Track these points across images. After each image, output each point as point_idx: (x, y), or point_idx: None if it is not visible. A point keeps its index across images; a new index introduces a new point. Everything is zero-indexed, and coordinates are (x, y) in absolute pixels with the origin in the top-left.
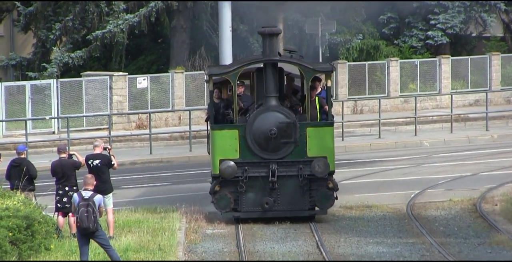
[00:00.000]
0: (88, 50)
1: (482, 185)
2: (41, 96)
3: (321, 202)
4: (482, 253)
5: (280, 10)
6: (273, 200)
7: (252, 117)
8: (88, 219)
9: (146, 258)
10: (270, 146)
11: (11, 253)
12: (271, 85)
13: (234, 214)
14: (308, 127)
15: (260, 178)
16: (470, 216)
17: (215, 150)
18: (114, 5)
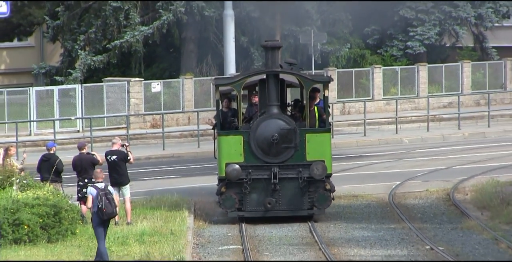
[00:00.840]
0: (108, 56)
1: (455, 177)
2: (67, 99)
3: (319, 202)
4: (455, 237)
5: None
6: (275, 200)
7: (255, 124)
8: (112, 205)
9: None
10: (272, 150)
11: (41, 237)
12: (273, 94)
13: (239, 213)
14: (307, 133)
15: (263, 180)
16: (444, 204)
17: (221, 154)
18: (131, 18)
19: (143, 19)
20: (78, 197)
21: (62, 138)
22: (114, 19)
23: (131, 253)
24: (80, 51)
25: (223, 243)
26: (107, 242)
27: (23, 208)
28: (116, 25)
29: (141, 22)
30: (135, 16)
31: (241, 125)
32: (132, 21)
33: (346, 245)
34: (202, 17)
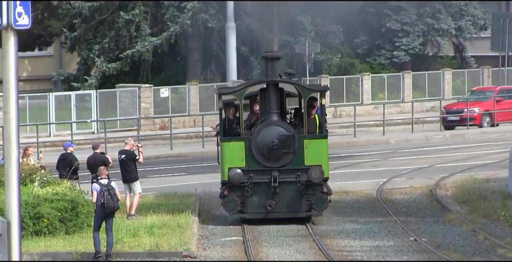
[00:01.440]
0: (121, 63)
1: (437, 174)
2: (83, 103)
3: (316, 204)
4: (437, 229)
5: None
6: (275, 203)
7: (256, 130)
8: (113, 200)
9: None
10: (272, 155)
11: (60, 229)
12: (273, 103)
13: (241, 215)
14: (305, 139)
15: (263, 183)
16: (427, 200)
17: (224, 159)
18: (142, 29)
19: (153, 31)
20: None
21: (79, 138)
22: (126, 30)
23: (141, 243)
24: (97, 58)
25: (225, 235)
26: (119, 234)
27: (43, 202)
28: (128, 36)
29: (151, 33)
30: (145, 28)
31: (242, 132)
32: (142, 33)
33: (338, 237)
34: (206, 28)
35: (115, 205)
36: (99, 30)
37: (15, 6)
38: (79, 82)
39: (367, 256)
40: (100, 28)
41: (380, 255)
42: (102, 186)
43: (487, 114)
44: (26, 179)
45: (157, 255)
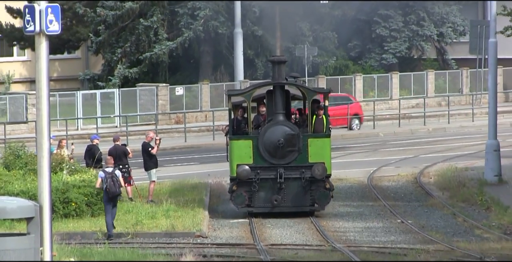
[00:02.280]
0: (141, 68)
1: (421, 164)
2: (107, 100)
3: (319, 199)
4: (421, 212)
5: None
6: (281, 197)
7: (263, 130)
8: (115, 186)
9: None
10: (278, 153)
11: (86, 212)
12: (279, 104)
13: (248, 209)
14: (309, 138)
15: (270, 179)
16: (412, 186)
17: (233, 156)
18: (159, 35)
19: (169, 36)
20: None
21: (103, 132)
22: (145, 36)
23: (158, 225)
24: (118, 65)
25: (233, 217)
26: (139, 216)
27: (71, 188)
28: (147, 40)
29: (167, 38)
30: (162, 33)
31: (250, 131)
32: (160, 37)
33: (333, 219)
34: (216, 34)
35: (117, 190)
36: (121, 35)
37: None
38: (104, 82)
39: (359, 236)
40: (122, 33)
41: (370, 235)
42: (106, 174)
43: None
44: (56, 168)
45: (172, 235)
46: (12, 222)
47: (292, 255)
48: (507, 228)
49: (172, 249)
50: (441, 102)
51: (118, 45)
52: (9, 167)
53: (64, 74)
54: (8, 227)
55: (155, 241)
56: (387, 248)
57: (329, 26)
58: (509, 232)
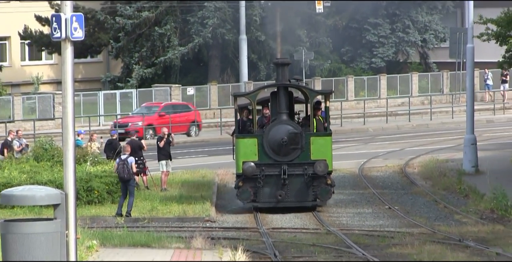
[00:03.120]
0: (155, 69)
1: (406, 156)
2: (126, 100)
3: (321, 195)
4: (406, 199)
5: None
6: (285, 193)
7: (268, 128)
8: (123, 171)
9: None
10: (282, 151)
11: (107, 199)
12: (283, 104)
13: (254, 204)
14: (311, 136)
15: (274, 176)
16: (398, 176)
17: (239, 154)
18: (172, 41)
19: (181, 42)
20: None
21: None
22: (160, 41)
23: (172, 210)
24: (135, 66)
25: (239, 204)
26: (155, 203)
27: (94, 178)
28: (161, 46)
29: (179, 44)
30: (175, 39)
31: (255, 130)
32: (172, 43)
33: (328, 205)
34: (223, 40)
35: (125, 176)
36: (138, 41)
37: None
38: (123, 83)
39: (351, 220)
40: (139, 40)
41: (361, 220)
42: (120, 160)
43: (151, 127)
44: (80, 160)
45: (184, 220)
46: (41, 208)
47: (291, 238)
48: (483, 213)
49: (183, 232)
50: (424, 101)
51: (136, 50)
52: (38, 159)
53: (87, 76)
54: (37, 212)
55: (168, 225)
56: (376, 231)
57: (324, 33)
58: (485, 217)
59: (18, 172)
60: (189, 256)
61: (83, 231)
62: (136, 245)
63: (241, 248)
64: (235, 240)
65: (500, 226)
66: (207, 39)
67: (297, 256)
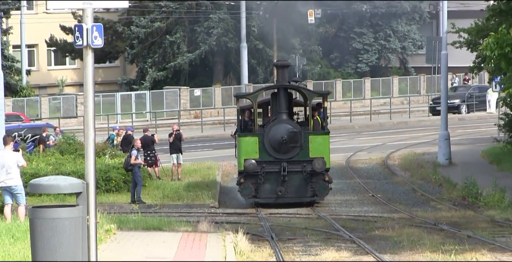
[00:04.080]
0: (166, 73)
1: (388, 149)
2: (140, 100)
3: (319, 191)
4: (388, 188)
5: (274, 51)
6: (284, 189)
7: (268, 127)
8: (125, 163)
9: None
10: (282, 149)
11: (123, 188)
12: (283, 104)
13: (255, 199)
14: (310, 135)
15: (274, 172)
16: (381, 167)
17: (240, 151)
18: (181, 48)
19: (189, 49)
20: (148, 163)
21: (137, 124)
22: (170, 48)
23: (181, 198)
24: (149, 70)
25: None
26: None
27: (112, 169)
28: (171, 52)
29: (187, 50)
30: (184, 47)
31: (256, 129)
32: (181, 50)
33: None
34: (226, 47)
35: (126, 166)
36: (151, 48)
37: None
38: (137, 85)
39: (339, 206)
40: (152, 47)
41: (348, 206)
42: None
43: None
44: (100, 153)
45: (191, 206)
46: (65, 196)
47: (286, 222)
48: (455, 201)
49: (191, 217)
50: (403, 101)
51: (149, 56)
52: (62, 152)
53: (106, 79)
54: (62, 200)
55: (177, 211)
56: (361, 216)
57: (315, 41)
58: (457, 204)
59: (45, 164)
60: (195, 239)
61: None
62: (149, 229)
63: (241, 231)
64: (236, 224)
65: (470, 212)
66: (212, 46)
67: (291, 238)
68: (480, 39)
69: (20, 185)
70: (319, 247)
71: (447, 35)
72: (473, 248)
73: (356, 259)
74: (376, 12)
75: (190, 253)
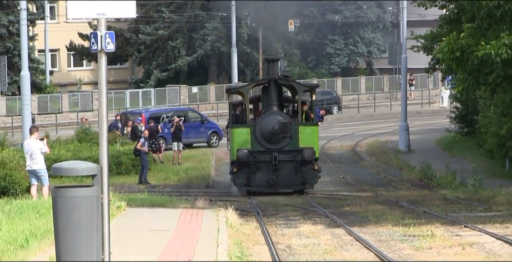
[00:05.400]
0: (168, 73)
1: (356, 138)
2: (146, 96)
3: (309, 179)
4: (356, 171)
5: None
6: (276, 178)
7: (260, 119)
8: (134, 149)
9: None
10: (273, 139)
11: (132, 171)
12: (273, 96)
13: (247, 188)
14: (299, 126)
15: (266, 162)
16: (350, 153)
17: (233, 142)
18: (181, 52)
19: (187, 53)
20: (152, 149)
21: None
22: (172, 53)
23: (181, 179)
24: (154, 71)
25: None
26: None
27: (122, 154)
28: (172, 56)
29: (186, 54)
30: (183, 51)
31: (248, 120)
32: (181, 54)
33: None
34: (219, 51)
35: (135, 152)
36: (155, 52)
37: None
38: (144, 83)
39: (315, 186)
40: (156, 51)
41: (322, 186)
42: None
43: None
44: (112, 141)
45: (189, 186)
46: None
47: (270, 200)
48: (413, 182)
49: (189, 196)
50: (369, 97)
51: (153, 59)
52: (80, 140)
53: (117, 78)
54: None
55: (178, 190)
56: (333, 195)
57: (294, 46)
58: (415, 184)
59: (65, 151)
60: (193, 214)
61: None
62: (154, 205)
63: (232, 207)
64: (228, 202)
65: (426, 191)
66: (207, 51)
67: (274, 213)
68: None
69: (43, 169)
70: (298, 221)
71: (406, 41)
72: (429, 222)
73: (330, 231)
74: (346, 22)
75: (189, 226)
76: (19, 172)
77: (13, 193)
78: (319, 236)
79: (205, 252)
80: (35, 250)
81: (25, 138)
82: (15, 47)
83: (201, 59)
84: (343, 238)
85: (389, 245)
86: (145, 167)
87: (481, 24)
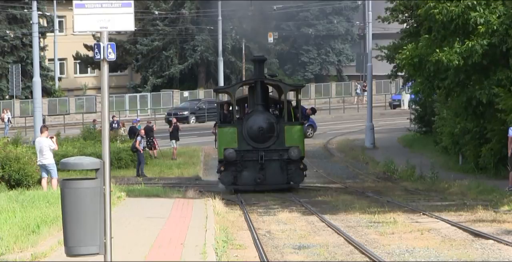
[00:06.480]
0: (163, 79)
1: (328, 137)
2: (143, 99)
3: (295, 178)
4: (328, 165)
5: (243, 64)
6: (262, 176)
7: (246, 118)
8: (132, 146)
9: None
10: (259, 138)
11: (131, 165)
12: (259, 96)
13: (234, 187)
14: (285, 125)
15: (252, 161)
16: (322, 150)
17: (220, 141)
18: (173, 60)
19: (179, 62)
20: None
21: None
22: (166, 61)
23: (173, 173)
24: (150, 77)
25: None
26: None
27: (122, 151)
28: (166, 64)
29: (179, 63)
30: (176, 60)
31: (235, 120)
32: (174, 63)
33: None
34: (207, 60)
35: (133, 149)
36: (151, 61)
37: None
38: (141, 88)
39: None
40: (152, 60)
41: None
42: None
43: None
44: (113, 139)
45: (181, 179)
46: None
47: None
48: (378, 174)
49: (181, 187)
50: (339, 100)
51: (150, 67)
52: (85, 138)
53: (118, 84)
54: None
55: (171, 182)
56: (308, 186)
57: (273, 56)
58: (379, 177)
59: (72, 147)
60: (185, 203)
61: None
62: (150, 196)
63: (218, 198)
64: (215, 193)
65: (389, 183)
66: (197, 60)
67: (255, 202)
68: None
69: (52, 163)
70: (276, 209)
71: (371, 52)
72: (391, 210)
73: (304, 218)
74: (318, 34)
75: (181, 213)
76: (31, 166)
77: (26, 185)
78: (295, 223)
79: (195, 236)
80: (45, 235)
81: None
82: (27, 57)
83: (192, 67)
84: (316, 224)
85: (357, 231)
86: (142, 162)
87: (437, 35)
